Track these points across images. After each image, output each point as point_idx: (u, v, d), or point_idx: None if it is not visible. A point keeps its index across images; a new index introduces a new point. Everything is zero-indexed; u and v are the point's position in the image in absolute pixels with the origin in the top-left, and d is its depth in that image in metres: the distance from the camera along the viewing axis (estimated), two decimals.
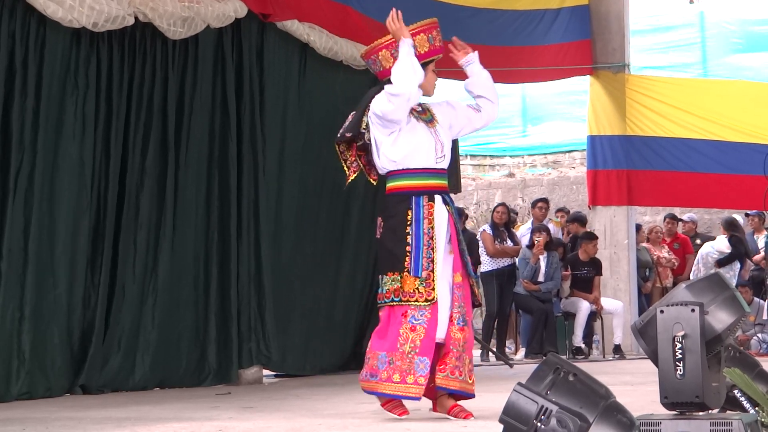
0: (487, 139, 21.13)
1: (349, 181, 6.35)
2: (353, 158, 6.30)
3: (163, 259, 8.94)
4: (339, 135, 6.31)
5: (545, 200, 15.49)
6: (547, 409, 3.97)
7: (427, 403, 6.27)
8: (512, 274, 13.99)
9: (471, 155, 20.90)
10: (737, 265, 15.48)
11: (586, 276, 14.11)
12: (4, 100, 7.93)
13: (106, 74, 8.63)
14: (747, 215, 16.58)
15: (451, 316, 6.07)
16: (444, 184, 6.27)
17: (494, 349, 13.32)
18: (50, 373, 8.15)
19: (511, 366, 11.80)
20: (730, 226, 15.83)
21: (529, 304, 13.82)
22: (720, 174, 14.24)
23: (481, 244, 14.06)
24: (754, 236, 16.34)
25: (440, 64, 6.55)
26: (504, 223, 14.28)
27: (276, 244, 9.93)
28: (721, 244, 15.59)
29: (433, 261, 6.02)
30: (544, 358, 5.21)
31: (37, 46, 8.14)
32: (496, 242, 13.94)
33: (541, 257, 13.77)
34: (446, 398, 6.13)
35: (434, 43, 6.30)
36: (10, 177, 7.92)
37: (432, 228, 6.06)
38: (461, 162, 12.73)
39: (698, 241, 16.21)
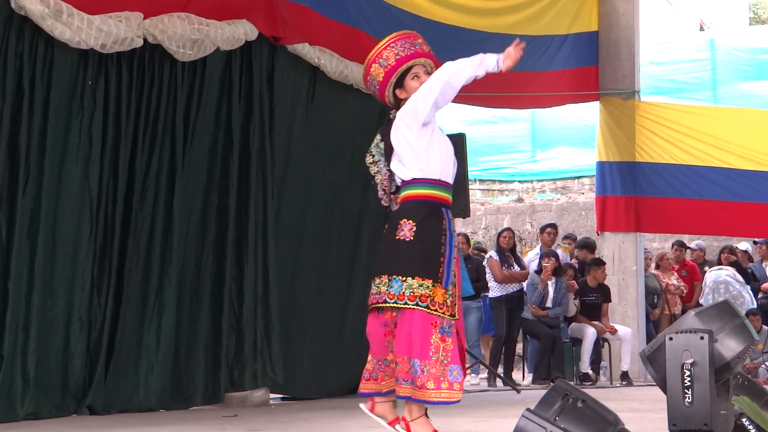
0: (497, 164, 21.18)
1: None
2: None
3: (168, 280, 8.93)
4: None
5: (554, 226, 15.49)
6: None
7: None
8: (520, 299, 13.98)
9: (480, 180, 20.93)
10: (750, 291, 15.49)
11: (594, 302, 14.10)
12: (11, 120, 7.92)
13: (114, 95, 8.63)
14: (755, 243, 16.56)
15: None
16: None
17: (501, 374, 13.29)
18: (56, 394, 8.14)
19: (518, 391, 11.77)
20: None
21: (537, 329, 13.81)
22: (729, 201, 14.23)
23: (488, 270, 14.04)
24: (762, 264, 16.32)
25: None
26: (510, 248, 14.29)
27: (284, 267, 9.93)
28: (735, 273, 15.55)
29: (455, 277, 5.93)
30: (551, 383, 5.20)
31: (45, 68, 8.15)
32: (504, 268, 13.93)
33: (549, 283, 13.76)
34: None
35: (388, 63, 6.23)
36: (17, 198, 7.92)
37: (454, 244, 5.98)
38: (470, 186, 12.72)
39: (706, 269, 16.20)
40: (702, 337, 4.26)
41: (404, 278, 5.80)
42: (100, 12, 8.36)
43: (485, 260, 14.33)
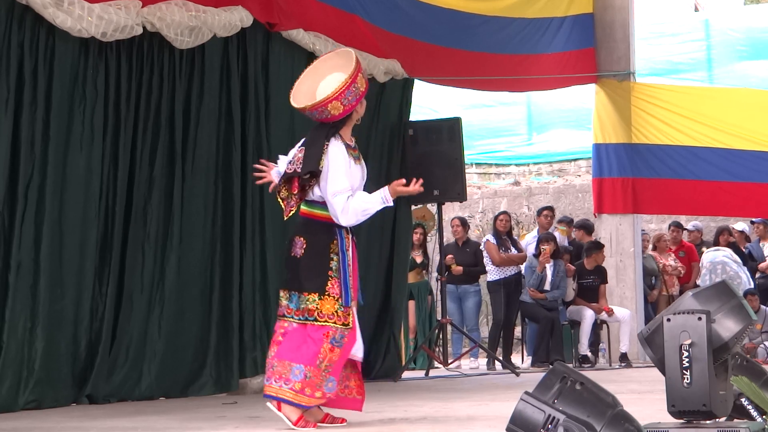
0: (493, 147, 21.16)
1: (288, 216, 6.45)
2: (294, 191, 6.39)
3: (170, 269, 8.94)
4: (293, 171, 6.37)
5: (551, 208, 15.47)
6: (554, 418, 3.97)
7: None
8: (518, 282, 13.98)
9: (476, 164, 20.91)
10: (747, 272, 15.48)
11: (592, 284, 14.11)
12: (14, 110, 7.93)
13: (114, 84, 8.65)
14: (752, 223, 16.56)
15: None
16: None
17: (500, 358, 13.30)
18: (58, 383, 8.15)
19: (517, 374, 11.79)
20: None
21: (536, 312, 13.81)
22: (726, 182, 14.22)
23: (485, 254, 14.04)
24: (760, 244, 16.32)
25: (450, 71, 6.66)
26: (507, 231, 14.29)
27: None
28: (732, 254, 15.56)
29: (353, 290, 6.36)
30: (550, 366, 5.23)
31: (46, 57, 8.15)
32: (501, 251, 13.93)
33: (547, 266, 13.76)
34: (317, 410, 6.37)
35: (349, 99, 6.31)
36: (20, 188, 7.91)
37: (350, 260, 6.38)
38: (466, 170, 12.72)
39: (704, 249, 16.19)
40: (700, 318, 4.26)
41: (296, 294, 6.30)
42: (100, 0, 8.36)
43: (482, 244, 14.32)
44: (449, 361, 12.65)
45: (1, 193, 7.80)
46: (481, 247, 14.22)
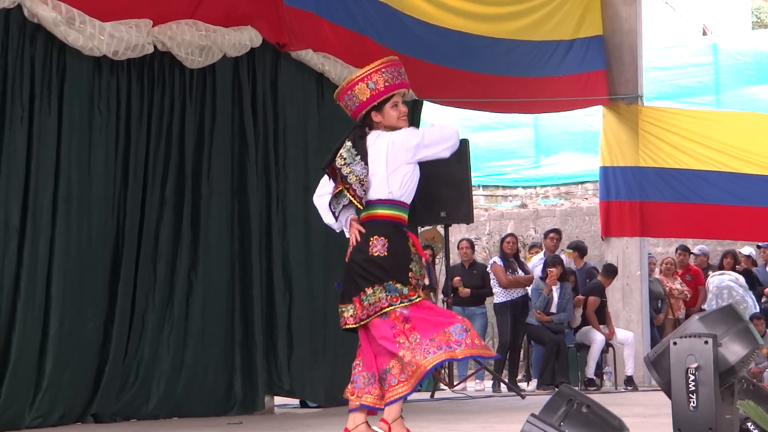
0: (500, 169, 21.17)
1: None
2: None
3: (180, 288, 8.94)
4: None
5: (557, 231, 15.47)
6: None
7: None
8: (525, 304, 13.99)
9: (483, 186, 20.93)
10: (753, 296, 15.47)
11: (604, 303, 14.22)
12: (27, 129, 7.94)
13: (125, 103, 8.66)
14: (759, 247, 16.55)
15: None
16: None
17: (506, 380, 13.29)
18: (65, 402, 8.11)
19: (522, 397, 11.78)
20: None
21: (542, 335, 13.81)
22: (733, 206, 14.22)
23: (492, 275, 14.05)
24: (766, 268, 16.31)
25: (459, 93, 6.66)
26: (514, 254, 14.30)
27: (291, 274, 9.90)
28: (739, 278, 15.54)
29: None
30: (555, 389, 5.23)
31: (58, 75, 8.17)
32: (508, 273, 13.93)
33: (554, 288, 13.76)
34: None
35: (377, 87, 6.25)
36: (31, 206, 7.92)
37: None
38: (473, 192, 12.73)
39: (710, 273, 16.19)
40: (706, 342, 4.26)
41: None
42: (111, 19, 8.41)
43: (489, 266, 14.34)
44: (455, 383, 12.63)
45: (16, 211, 7.81)
46: (488, 269, 14.23)
